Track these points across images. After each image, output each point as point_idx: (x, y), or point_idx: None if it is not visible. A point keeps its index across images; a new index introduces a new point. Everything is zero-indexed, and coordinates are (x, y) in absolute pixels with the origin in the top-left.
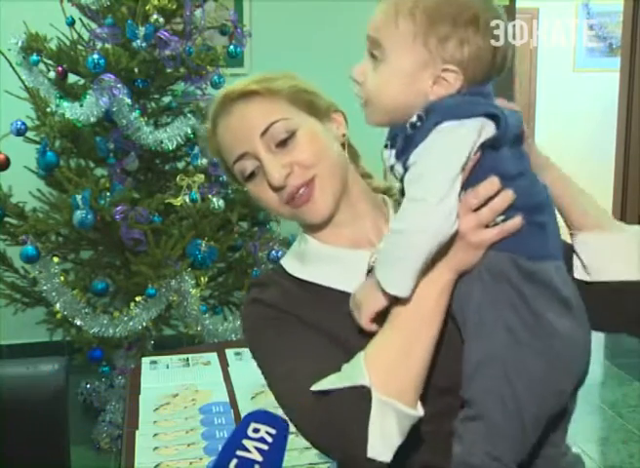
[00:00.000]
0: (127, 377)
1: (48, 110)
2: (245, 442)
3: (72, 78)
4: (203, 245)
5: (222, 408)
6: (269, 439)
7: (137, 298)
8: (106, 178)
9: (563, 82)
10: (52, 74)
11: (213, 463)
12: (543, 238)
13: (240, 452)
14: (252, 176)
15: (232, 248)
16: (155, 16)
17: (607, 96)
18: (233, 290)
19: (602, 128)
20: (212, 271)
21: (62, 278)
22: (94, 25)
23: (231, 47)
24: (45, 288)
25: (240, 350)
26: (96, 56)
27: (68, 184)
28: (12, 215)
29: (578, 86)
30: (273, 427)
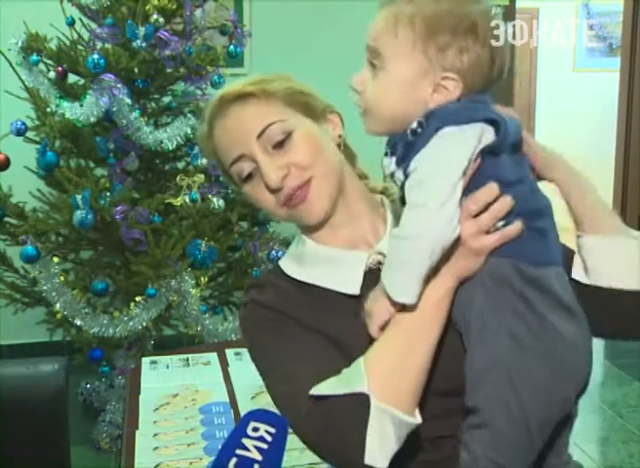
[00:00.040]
0: (127, 377)
1: (48, 110)
2: (244, 441)
3: (72, 78)
4: (203, 245)
5: (222, 408)
6: (269, 438)
7: (137, 298)
8: (106, 178)
9: (563, 82)
10: (52, 74)
11: (212, 462)
12: (544, 244)
13: (240, 451)
14: (249, 178)
15: (232, 248)
16: (155, 16)
17: (607, 96)
18: (233, 290)
19: (602, 128)
20: (212, 271)
21: (62, 278)
22: (94, 25)
23: (231, 47)
24: (45, 288)
25: (240, 350)
26: (96, 56)
27: (68, 184)
28: (12, 215)
29: (578, 86)
30: (273, 426)
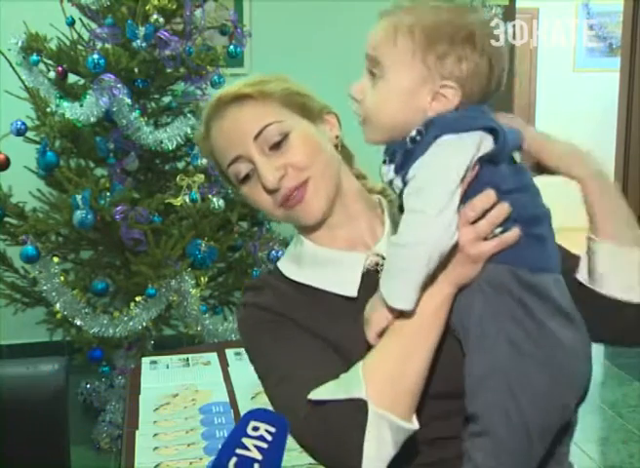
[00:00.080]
0: (127, 377)
1: (48, 110)
2: (244, 440)
3: (72, 78)
4: (203, 245)
5: (222, 408)
6: (269, 437)
7: (137, 298)
8: (106, 178)
9: (563, 82)
10: (52, 74)
11: (212, 462)
12: (542, 251)
13: (239, 451)
14: (246, 179)
15: (232, 248)
16: (155, 16)
17: (607, 96)
18: (233, 290)
19: (602, 128)
20: (212, 271)
21: (62, 278)
22: (94, 25)
23: (231, 47)
24: (45, 288)
25: (240, 350)
26: (96, 56)
27: (68, 184)
28: (12, 215)
29: (578, 86)
30: (273, 425)
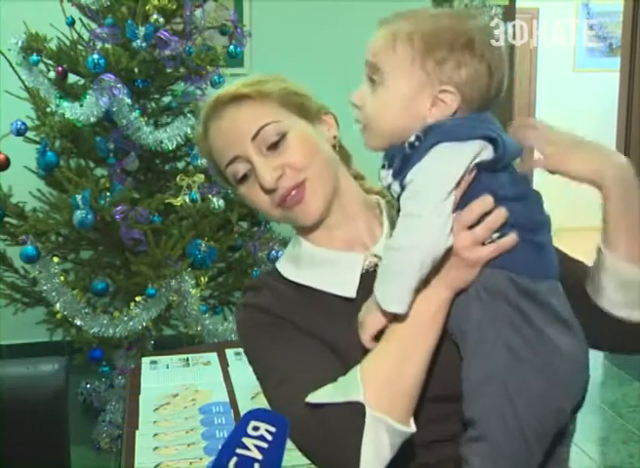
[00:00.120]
0: (127, 377)
1: (48, 110)
2: (245, 440)
3: (72, 78)
4: (203, 245)
5: (222, 408)
6: (269, 437)
7: (137, 298)
8: (106, 178)
9: (563, 82)
10: (52, 74)
11: (212, 462)
12: (540, 257)
13: (240, 450)
14: (244, 179)
15: (232, 248)
16: (155, 16)
17: (607, 96)
18: (233, 290)
19: (602, 128)
20: (212, 271)
21: (62, 278)
22: (94, 25)
23: (231, 47)
24: (45, 288)
25: (240, 350)
26: (96, 56)
27: (68, 184)
28: (12, 215)
29: (578, 86)
30: (273, 425)
